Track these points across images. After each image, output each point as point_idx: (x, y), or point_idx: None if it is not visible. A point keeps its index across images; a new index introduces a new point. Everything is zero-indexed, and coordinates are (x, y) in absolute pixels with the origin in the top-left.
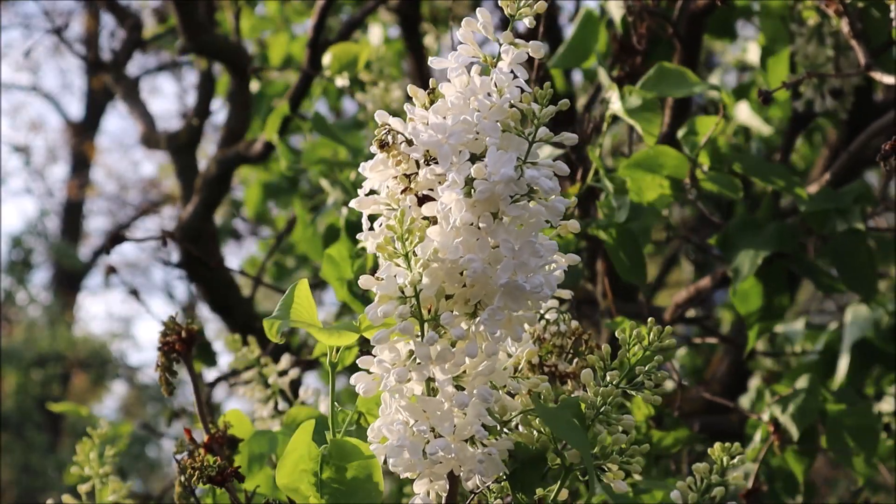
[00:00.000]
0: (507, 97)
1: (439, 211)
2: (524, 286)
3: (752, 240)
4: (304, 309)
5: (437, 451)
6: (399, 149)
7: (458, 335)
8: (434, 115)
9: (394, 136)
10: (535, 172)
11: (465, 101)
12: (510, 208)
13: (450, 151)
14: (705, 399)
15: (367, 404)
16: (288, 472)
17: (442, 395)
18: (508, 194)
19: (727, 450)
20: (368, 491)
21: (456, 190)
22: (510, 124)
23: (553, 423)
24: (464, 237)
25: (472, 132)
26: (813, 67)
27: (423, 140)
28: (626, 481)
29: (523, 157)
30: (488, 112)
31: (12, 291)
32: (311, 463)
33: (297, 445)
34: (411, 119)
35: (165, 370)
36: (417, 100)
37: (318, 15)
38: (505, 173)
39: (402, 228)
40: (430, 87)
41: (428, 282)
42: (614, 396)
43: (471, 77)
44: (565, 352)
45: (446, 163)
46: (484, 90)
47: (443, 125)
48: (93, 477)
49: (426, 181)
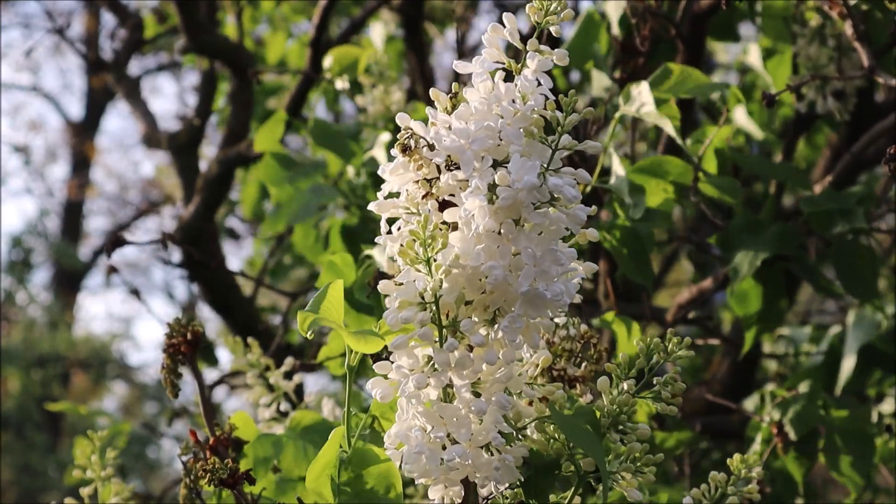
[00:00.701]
0: (532, 104)
1: (461, 217)
2: (545, 294)
3: (752, 241)
4: (333, 309)
5: (454, 458)
6: (421, 153)
7: (477, 342)
8: (457, 120)
9: (416, 140)
10: (558, 181)
11: (488, 107)
12: (532, 215)
13: (472, 157)
14: (706, 400)
15: (381, 408)
16: (315, 477)
17: (459, 401)
18: (531, 202)
19: (745, 462)
20: (387, 497)
21: (479, 196)
22: (533, 131)
23: (569, 430)
24: (485, 244)
25: (495, 138)
26: (815, 69)
27: (445, 145)
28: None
29: (546, 165)
30: (512, 119)
31: (12, 291)
32: (330, 468)
33: (328, 451)
34: (433, 123)
35: (170, 372)
36: (440, 104)
37: (320, 14)
38: (528, 180)
39: (425, 234)
40: (454, 91)
41: (448, 288)
42: (630, 406)
43: (495, 83)
44: (574, 355)
45: (469, 168)
46: (508, 97)
47: (466, 130)
48: (95, 479)
49: (448, 186)
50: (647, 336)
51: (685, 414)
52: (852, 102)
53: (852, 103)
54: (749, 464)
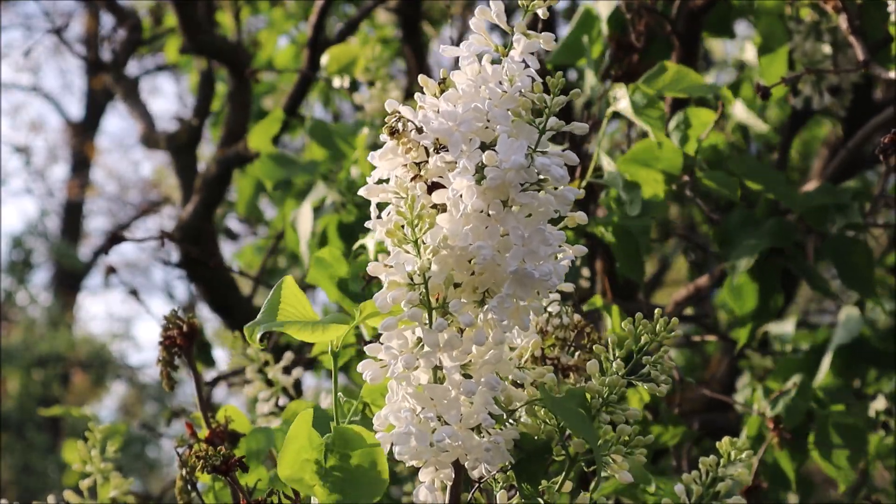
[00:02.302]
0: (519, 86)
1: (449, 198)
2: (533, 274)
3: (749, 235)
4: (292, 306)
5: (443, 439)
6: (409, 136)
7: (466, 322)
8: (445, 102)
9: (404, 123)
10: (545, 160)
11: (475, 90)
12: (520, 196)
13: (460, 139)
14: (705, 397)
15: (372, 394)
16: (289, 463)
17: (449, 382)
18: (519, 182)
19: (734, 444)
20: (373, 478)
21: (467, 177)
22: (521, 113)
23: (560, 412)
24: (473, 224)
25: (482, 120)
26: (811, 64)
27: (433, 128)
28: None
29: (534, 146)
30: (499, 100)
31: (12, 291)
32: (314, 452)
33: (297, 434)
34: (421, 107)
35: (167, 365)
36: (428, 89)
37: (317, 14)
38: (516, 160)
39: (412, 214)
40: (442, 76)
41: (437, 269)
42: (620, 387)
43: (482, 66)
44: (568, 345)
45: (457, 150)
46: (495, 79)
47: (453, 113)
48: (94, 473)
49: (436, 169)
50: (636, 318)
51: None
52: (849, 98)
53: (849, 99)
54: (739, 448)
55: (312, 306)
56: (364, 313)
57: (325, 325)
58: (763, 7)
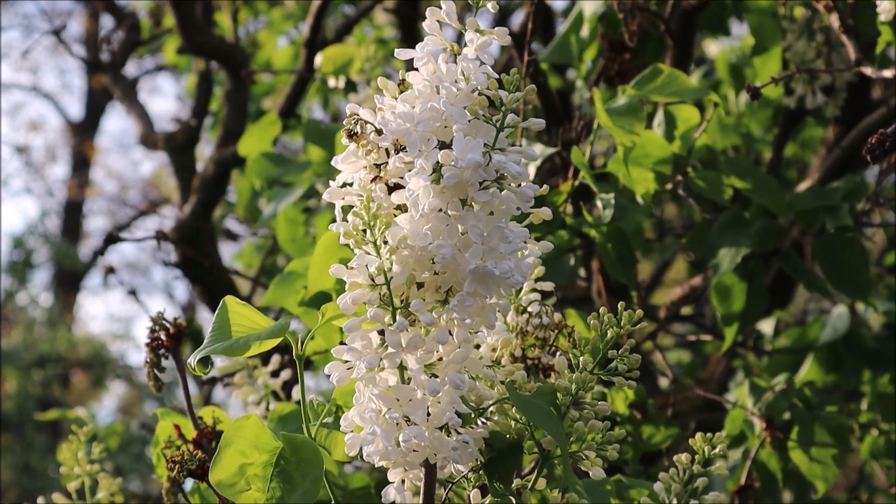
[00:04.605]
0: (474, 83)
1: (408, 198)
2: (493, 271)
3: (736, 237)
4: (241, 324)
5: (410, 439)
6: (368, 138)
7: (427, 322)
8: (402, 103)
9: (362, 125)
10: (502, 158)
11: (432, 90)
12: (479, 194)
13: (418, 139)
14: (702, 398)
15: (345, 396)
16: (224, 468)
17: (415, 382)
18: (477, 180)
19: (708, 440)
20: (313, 485)
21: (423, 176)
22: (478, 111)
23: (527, 410)
24: (433, 223)
25: (440, 120)
26: (803, 64)
27: (391, 129)
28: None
29: (491, 144)
30: (455, 99)
31: (12, 291)
32: (259, 455)
33: (233, 440)
34: (380, 109)
35: (153, 366)
36: (388, 91)
37: (314, 15)
38: (472, 158)
39: (369, 215)
40: (401, 77)
41: (398, 269)
42: (588, 382)
43: (437, 65)
44: (548, 344)
45: (415, 150)
46: (451, 77)
47: (411, 114)
48: (81, 475)
49: (396, 169)
50: (601, 313)
51: (681, 412)
52: (842, 97)
53: (842, 98)
54: (714, 443)
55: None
56: (326, 315)
57: (262, 339)
58: (755, 6)
